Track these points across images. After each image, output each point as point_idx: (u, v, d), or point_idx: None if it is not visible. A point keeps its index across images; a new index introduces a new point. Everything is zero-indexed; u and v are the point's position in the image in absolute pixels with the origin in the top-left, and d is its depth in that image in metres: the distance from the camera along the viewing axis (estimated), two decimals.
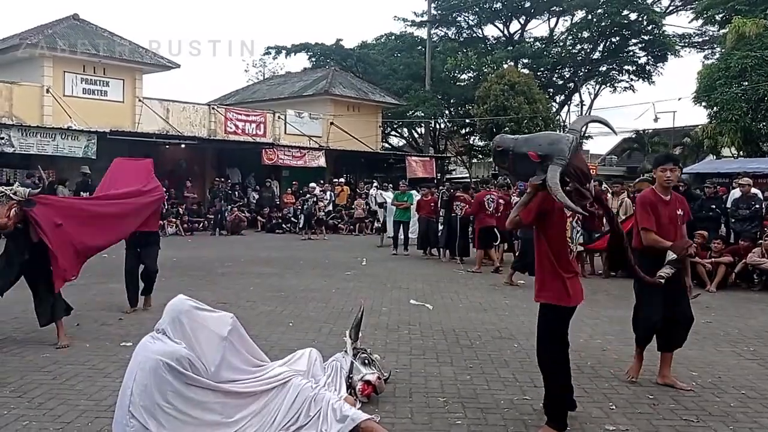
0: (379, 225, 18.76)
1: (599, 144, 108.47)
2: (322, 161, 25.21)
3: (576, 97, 36.97)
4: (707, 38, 32.45)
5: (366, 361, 4.91)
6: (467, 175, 37.82)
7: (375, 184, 22.34)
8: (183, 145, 23.09)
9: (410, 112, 35.55)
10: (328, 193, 23.15)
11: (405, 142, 40.94)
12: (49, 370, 5.37)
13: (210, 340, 3.99)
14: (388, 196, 18.39)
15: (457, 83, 36.10)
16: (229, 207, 21.61)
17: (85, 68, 21.34)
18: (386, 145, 36.47)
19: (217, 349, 3.99)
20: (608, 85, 36.19)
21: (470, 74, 35.07)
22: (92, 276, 10.93)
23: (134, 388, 3.70)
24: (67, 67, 20.87)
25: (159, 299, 8.77)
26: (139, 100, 22.45)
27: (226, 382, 3.99)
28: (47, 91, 20.30)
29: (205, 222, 21.73)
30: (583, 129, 4.77)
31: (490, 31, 38.04)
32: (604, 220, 5.31)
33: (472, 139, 37.95)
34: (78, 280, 10.30)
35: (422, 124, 36.21)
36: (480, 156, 38.40)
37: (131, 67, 22.35)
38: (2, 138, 17.57)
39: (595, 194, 4.28)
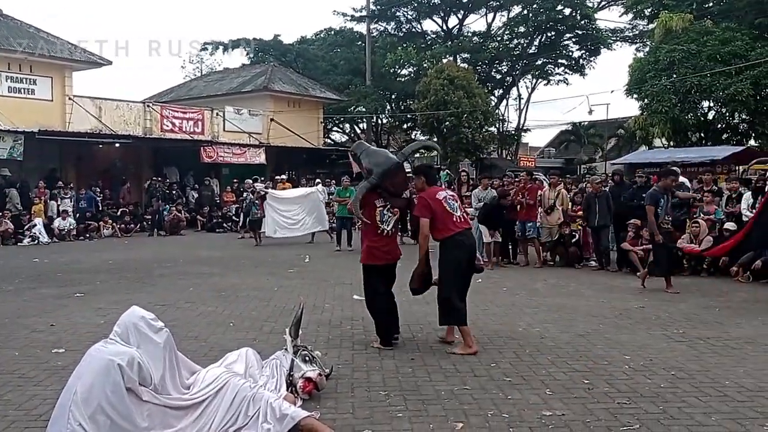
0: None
1: (537, 136, 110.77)
2: (262, 158, 24.94)
3: (514, 91, 37.67)
4: (637, 32, 33.50)
5: (307, 358, 4.88)
6: (409, 169, 37.99)
7: (317, 181, 22.22)
8: (117, 145, 22.47)
9: (352, 108, 35.48)
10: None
11: (347, 137, 40.88)
12: None
13: (155, 352, 3.95)
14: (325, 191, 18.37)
15: (398, 78, 36.23)
16: (168, 207, 21.14)
17: (10, 66, 20.47)
18: (328, 140, 36.32)
19: (160, 361, 3.94)
20: (544, 78, 36.96)
21: (410, 69, 35.25)
22: (22, 281, 10.56)
23: (79, 388, 3.60)
24: None
25: (96, 302, 8.56)
26: (70, 99, 21.67)
27: (165, 396, 3.92)
28: None
29: (143, 223, 21.20)
30: (412, 153, 6.93)
31: (429, 26, 38.33)
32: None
33: (413, 134, 38.17)
34: (6, 285, 10.00)
35: (364, 120, 36.22)
36: (422, 151, 38.65)
37: (60, 64, 21.54)
38: None
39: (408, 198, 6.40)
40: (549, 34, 35.13)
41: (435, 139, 33.31)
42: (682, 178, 12.43)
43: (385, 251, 6.18)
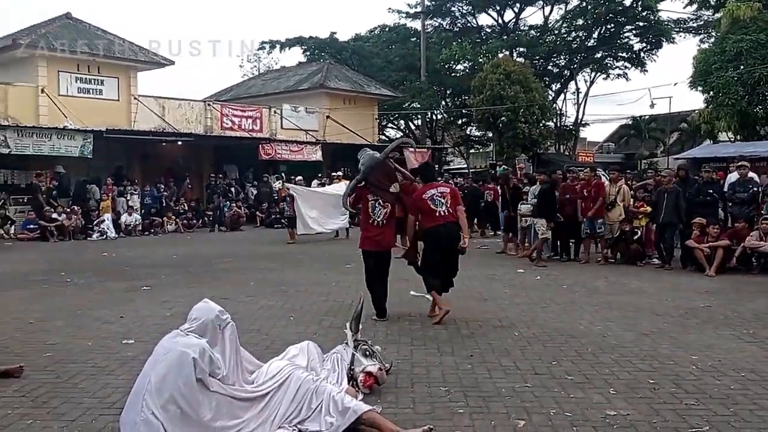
0: None
1: (596, 131, 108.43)
2: (319, 155, 25.20)
3: (572, 85, 36.99)
4: (702, 23, 32.39)
5: (367, 353, 4.93)
6: (465, 165, 37.82)
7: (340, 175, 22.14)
8: (180, 142, 23.07)
9: (406, 104, 35.52)
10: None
11: (402, 133, 40.93)
12: (52, 369, 5.38)
13: (223, 345, 4.08)
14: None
15: (453, 74, 36.06)
16: (228, 203, 21.62)
17: (80, 67, 21.29)
18: (383, 137, 36.44)
19: (227, 353, 4.06)
20: (603, 72, 36.11)
21: (466, 64, 35.03)
22: (93, 275, 10.97)
23: (153, 377, 3.73)
24: (61, 66, 20.82)
25: (162, 296, 8.83)
26: (135, 98, 22.40)
27: (232, 387, 4.03)
28: (42, 91, 20.26)
29: (204, 218, 21.74)
30: (391, 151, 7.58)
31: (485, 20, 37.98)
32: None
33: (469, 129, 37.94)
34: (78, 279, 10.43)
35: (419, 116, 36.19)
36: (477, 146, 38.40)
37: (126, 65, 22.31)
38: None
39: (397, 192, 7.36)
40: (608, 27, 34.32)
41: (490, 134, 33.16)
42: (751, 173, 12.00)
43: (377, 240, 7.26)
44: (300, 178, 19.19)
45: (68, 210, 18.22)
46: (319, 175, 22.44)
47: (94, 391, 4.87)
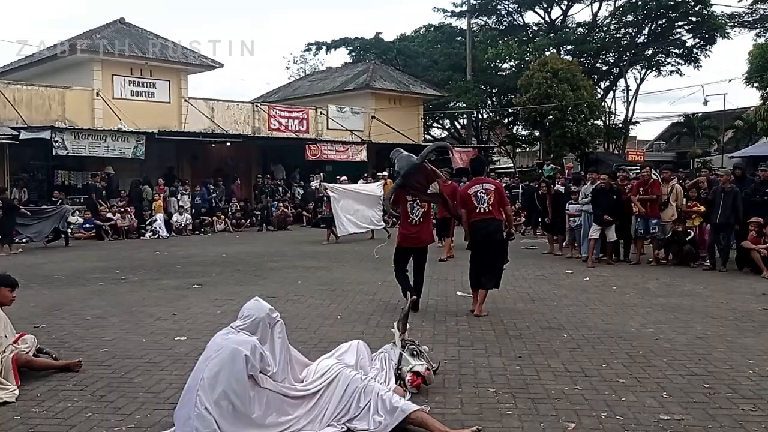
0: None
1: (646, 129, 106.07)
2: (364, 155, 25.31)
3: (621, 83, 36.24)
4: (758, 17, 31.34)
5: (415, 353, 4.94)
6: (511, 165, 37.46)
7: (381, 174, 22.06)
8: (228, 143, 23.49)
9: (452, 103, 35.34)
10: None
11: (447, 133, 40.76)
12: (109, 365, 5.55)
13: (274, 342, 4.16)
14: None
15: (499, 72, 35.73)
16: (275, 203, 21.92)
17: (133, 71, 21.87)
18: (428, 137, 36.37)
19: (278, 351, 4.14)
20: (654, 69, 35.25)
21: (512, 63, 34.66)
22: (146, 273, 11.26)
23: (206, 373, 3.82)
24: (115, 70, 21.42)
25: (212, 294, 9.00)
26: (185, 100, 22.90)
27: (283, 384, 4.09)
28: (97, 94, 20.87)
29: (252, 218, 22.09)
30: (427, 155, 7.86)
31: (531, 17, 37.48)
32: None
33: (515, 128, 37.55)
34: (132, 277, 10.71)
35: (464, 115, 35.99)
36: (524, 146, 37.97)
37: (177, 68, 22.82)
38: (56, 141, 18.14)
39: (438, 193, 7.73)
40: (659, 23, 33.46)
41: (537, 133, 32.75)
42: None
43: (414, 237, 7.74)
44: (345, 177, 19.32)
45: (122, 210, 18.72)
46: (365, 175, 22.53)
47: (149, 386, 5.00)
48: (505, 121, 37.59)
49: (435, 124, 39.94)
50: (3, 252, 14.19)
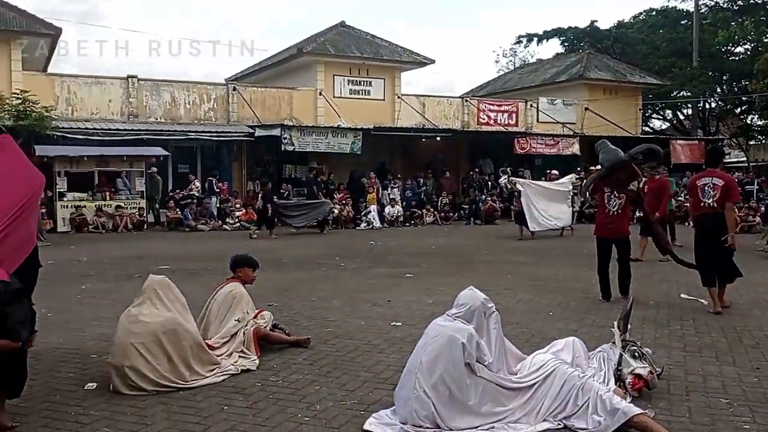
0: None
1: None
2: (576, 148, 24.44)
3: None
4: None
5: (636, 354, 4.68)
6: (744, 159, 33.83)
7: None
8: (438, 138, 24.02)
9: (674, 92, 32.76)
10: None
11: (668, 124, 37.90)
12: (333, 344, 5.96)
13: (489, 332, 4.20)
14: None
15: (731, 57, 32.40)
16: (483, 197, 22.00)
17: (351, 70, 23.27)
18: (646, 128, 34.10)
19: (493, 341, 4.17)
20: None
21: (747, 46, 31.25)
22: (362, 261, 11.92)
23: (424, 358, 3.98)
24: (336, 70, 22.94)
25: (424, 283, 9.29)
26: (398, 97, 23.83)
27: (498, 375, 4.12)
28: (320, 93, 22.51)
29: (460, 212, 22.41)
30: (637, 154, 7.89)
31: None
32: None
33: (749, 118, 33.85)
34: (350, 264, 11.40)
35: (688, 105, 33.19)
36: (759, 137, 34.11)
37: (391, 66, 23.83)
38: (285, 138, 19.90)
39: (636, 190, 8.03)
40: None
41: None
42: None
43: (611, 227, 7.87)
44: (555, 172, 18.81)
45: (342, 202, 20.03)
46: (578, 169, 21.74)
47: (369, 366, 5.30)
48: (738, 110, 34.02)
49: (655, 115, 37.33)
50: (273, 235, 16.27)
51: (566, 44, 39.12)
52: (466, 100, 25.80)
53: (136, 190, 19.01)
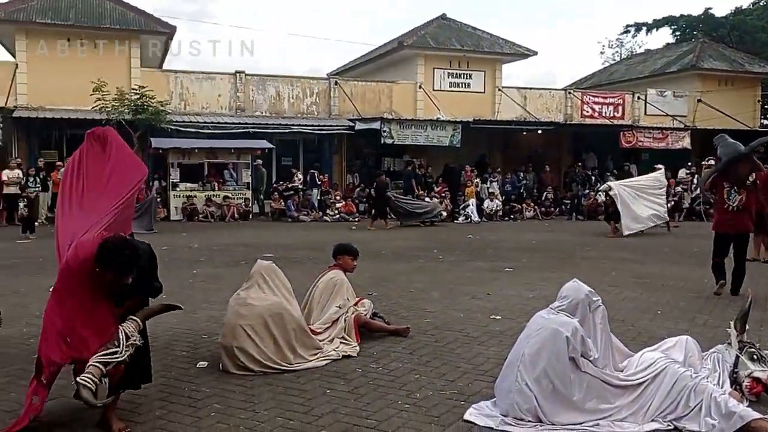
0: None
1: None
2: (686, 142, 23.28)
3: None
4: None
5: (755, 357, 4.42)
6: None
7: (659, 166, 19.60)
8: (539, 131, 23.52)
9: None
10: None
11: None
12: (432, 334, 5.98)
13: (594, 327, 4.10)
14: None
15: None
16: (586, 192, 21.37)
17: (451, 63, 23.16)
18: (766, 122, 31.95)
19: (598, 336, 4.07)
20: None
21: None
22: (461, 254, 11.88)
23: (526, 350, 3.92)
24: (436, 63, 22.90)
25: (524, 278, 9.15)
26: (499, 90, 23.51)
27: (604, 371, 4.00)
28: (420, 87, 22.54)
29: (562, 207, 21.88)
30: (757, 146, 7.78)
31: None
32: None
33: None
34: (448, 256, 11.37)
35: None
36: None
37: (492, 58, 23.55)
38: (384, 131, 20.11)
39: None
40: None
41: None
42: None
43: (731, 223, 7.73)
44: (661, 167, 17.98)
45: (440, 195, 20.03)
46: (689, 164, 20.70)
47: (469, 357, 5.28)
48: None
49: None
50: (372, 227, 16.52)
51: (677, 33, 37.34)
52: (570, 92, 25.11)
53: (242, 182, 19.77)
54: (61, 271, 3.66)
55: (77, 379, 3.43)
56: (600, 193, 17.16)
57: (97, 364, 3.44)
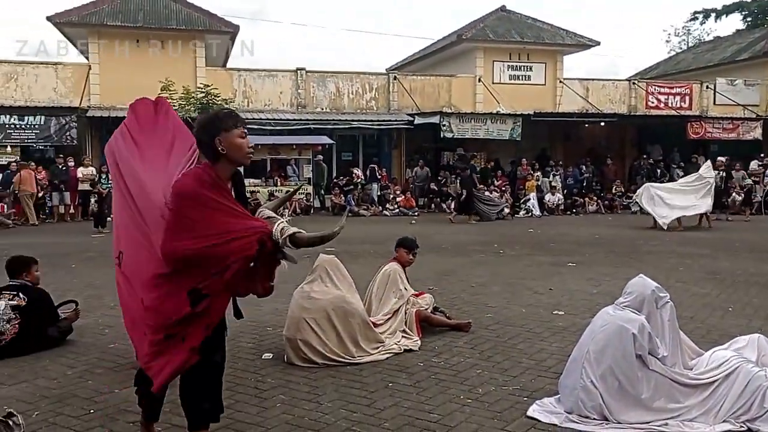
0: None
1: None
2: (758, 133, 22.36)
3: None
4: None
5: None
6: None
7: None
8: (602, 123, 22.99)
9: None
10: None
11: None
12: (493, 329, 5.96)
13: (662, 324, 3.99)
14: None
15: None
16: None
17: (511, 56, 22.86)
18: None
19: (666, 333, 3.98)
20: None
21: None
22: (521, 248, 11.75)
23: (591, 347, 3.87)
24: (495, 56, 22.65)
25: (587, 273, 8.98)
26: (560, 81, 23.07)
27: (671, 369, 3.91)
28: (479, 80, 22.34)
29: (624, 199, 21.36)
30: None
31: None
32: None
33: None
34: (509, 251, 11.26)
35: None
36: None
37: (553, 50, 23.12)
38: (444, 125, 20.05)
39: None
40: None
41: None
42: None
43: None
44: (722, 159, 17.33)
45: (501, 189, 19.84)
46: (761, 155, 19.86)
47: (531, 353, 5.24)
48: None
49: None
50: (455, 220, 16.78)
51: (749, 19, 35.76)
52: (634, 83, 24.42)
53: (303, 177, 20.04)
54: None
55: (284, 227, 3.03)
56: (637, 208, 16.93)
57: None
